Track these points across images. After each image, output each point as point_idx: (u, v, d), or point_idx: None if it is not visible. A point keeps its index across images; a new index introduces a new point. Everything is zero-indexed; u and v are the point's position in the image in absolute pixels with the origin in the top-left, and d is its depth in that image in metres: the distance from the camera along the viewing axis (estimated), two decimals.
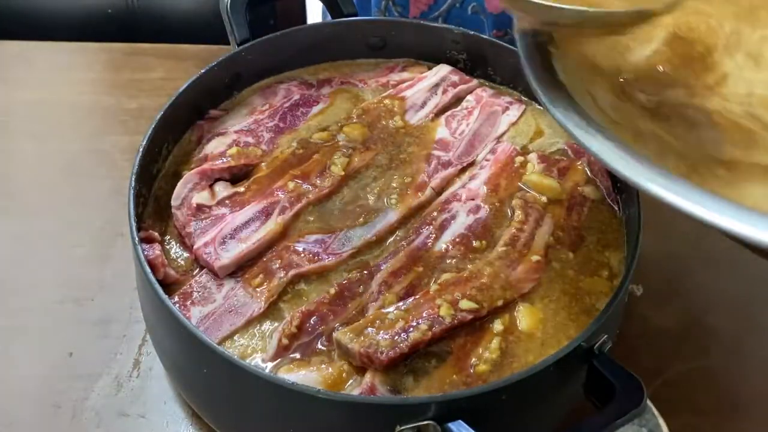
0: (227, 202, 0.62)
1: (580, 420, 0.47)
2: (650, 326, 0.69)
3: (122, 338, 0.66)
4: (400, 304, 0.54)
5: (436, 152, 0.67)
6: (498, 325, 0.54)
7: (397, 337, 0.51)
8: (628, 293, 0.57)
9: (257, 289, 0.57)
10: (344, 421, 0.50)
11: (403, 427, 0.46)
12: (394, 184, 0.64)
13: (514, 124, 0.70)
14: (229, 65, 0.70)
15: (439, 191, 0.64)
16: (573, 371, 0.50)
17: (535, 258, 0.58)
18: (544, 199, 0.62)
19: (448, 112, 0.71)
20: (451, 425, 0.46)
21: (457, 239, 0.60)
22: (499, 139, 0.69)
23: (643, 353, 0.66)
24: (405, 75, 0.76)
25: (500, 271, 0.57)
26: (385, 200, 0.63)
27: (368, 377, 0.51)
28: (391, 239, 0.61)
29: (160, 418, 0.62)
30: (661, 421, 0.47)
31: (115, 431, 0.61)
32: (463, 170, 0.66)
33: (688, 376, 0.66)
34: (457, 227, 0.61)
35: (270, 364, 0.53)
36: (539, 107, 0.72)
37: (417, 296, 0.55)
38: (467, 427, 0.45)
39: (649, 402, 0.47)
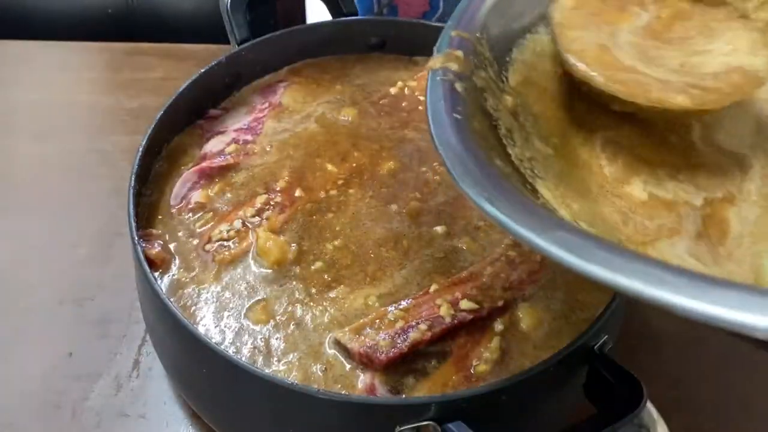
0: None
1: (580, 420, 0.47)
2: (650, 326, 0.69)
3: (122, 338, 0.66)
4: (400, 304, 0.54)
5: None
6: (498, 325, 0.54)
7: (396, 337, 0.51)
8: None
9: None
10: (344, 421, 0.49)
11: (402, 428, 0.46)
12: None
13: None
14: (229, 65, 0.69)
15: None
16: (573, 371, 0.50)
17: (537, 258, 0.58)
18: None
19: None
20: (450, 425, 0.46)
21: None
22: None
23: (643, 353, 0.66)
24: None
25: (501, 271, 0.57)
26: None
27: (368, 377, 0.51)
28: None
29: (160, 418, 0.62)
30: (661, 421, 0.46)
31: (115, 431, 0.61)
32: None
33: (688, 376, 0.65)
34: None
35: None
36: None
37: (417, 296, 0.55)
38: (467, 427, 0.45)
39: (649, 402, 0.47)
